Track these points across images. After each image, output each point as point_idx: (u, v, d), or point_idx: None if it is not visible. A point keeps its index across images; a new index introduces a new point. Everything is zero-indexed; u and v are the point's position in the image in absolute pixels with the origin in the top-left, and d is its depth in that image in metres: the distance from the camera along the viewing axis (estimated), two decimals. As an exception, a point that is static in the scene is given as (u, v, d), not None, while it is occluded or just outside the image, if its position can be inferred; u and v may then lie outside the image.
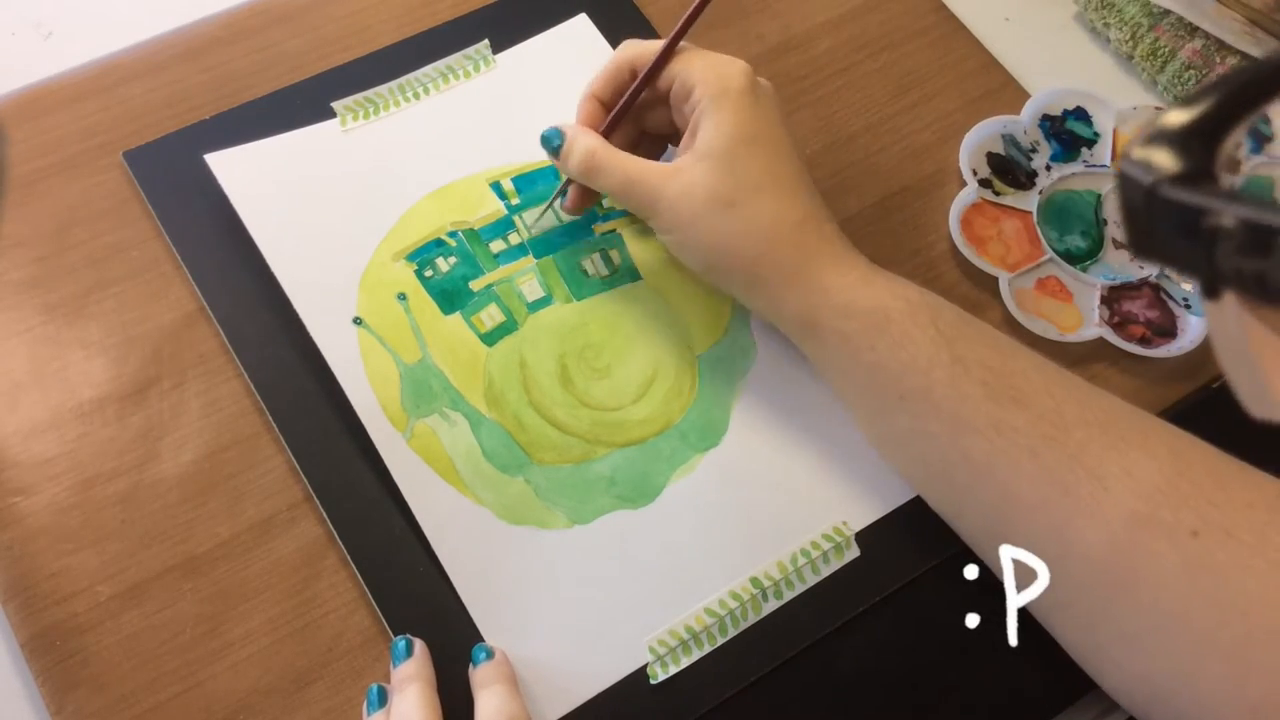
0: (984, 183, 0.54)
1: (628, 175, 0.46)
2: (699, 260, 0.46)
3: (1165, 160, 0.15)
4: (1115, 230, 0.54)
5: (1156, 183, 0.15)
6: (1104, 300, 0.52)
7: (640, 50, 0.48)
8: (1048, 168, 0.55)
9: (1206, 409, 0.40)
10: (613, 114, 0.48)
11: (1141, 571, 0.37)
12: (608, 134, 0.48)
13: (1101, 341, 0.50)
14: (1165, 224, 0.15)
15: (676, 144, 0.49)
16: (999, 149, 0.55)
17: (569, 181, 0.49)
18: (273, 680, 0.42)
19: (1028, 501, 0.40)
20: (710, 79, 0.45)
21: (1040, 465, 0.39)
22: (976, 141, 0.55)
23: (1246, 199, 0.14)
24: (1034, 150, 0.55)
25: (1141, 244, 0.15)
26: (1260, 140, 0.56)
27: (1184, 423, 0.41)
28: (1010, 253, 0.53)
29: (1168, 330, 0.51)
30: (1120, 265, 0.53)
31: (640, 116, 0.50)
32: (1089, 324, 0.51)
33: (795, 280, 0.44)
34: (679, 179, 0.45)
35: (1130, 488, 0.38)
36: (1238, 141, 0.16)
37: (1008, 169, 0.55)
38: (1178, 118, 0.16)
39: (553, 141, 0.48)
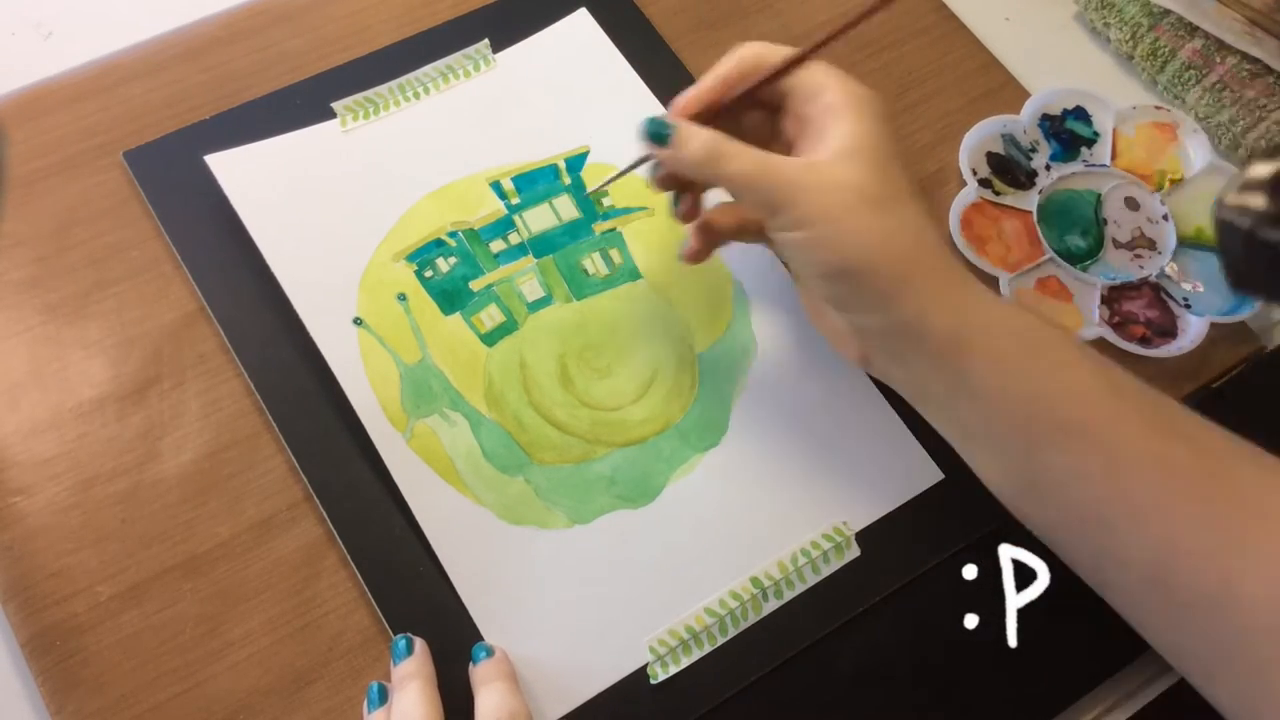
0: (984, 182, 0.54)
1: (759, 163, 0.41)
2: (837, 261, 0.41)
3: (1260, 205, 0.15)
4: (1115, 230, 0.54)
5: (1255, 225, 0.15)
6: (1104, 300, 0.52)
7: (769, 51, 0.43)
8: (1047, 167, 0.55)
9: (1207, 409, 0.39)
10: (727, 97, 0.43)
11: None
12: (710, 121, 0.43)
13: (1102, 341, 0.50)
14: (1263, 261, 0.15)
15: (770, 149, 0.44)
16: (999, 149, 0.55)
17: (648, 158, 0.45)
18: (273, 680, 0.42)
19: (1196, 551, 0.37)
20: (846, 85, 0.42)
21: (1206, 506, 0.37)
22: (976, 141, 0.55)
23: None
24: (1034, 150, 0.55)
25: (1243, 281, 0.16)
26: (1073, 143, 0.55)
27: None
28: (1010, 252, 0.53)
29: (1168, 330, 0.51)
30: (1120, 265, 0.53)
31: (736, 117, 0.45)
32: (1089, 324, 0.51)
33: (948, 291, 0.40)
34: (822, 172, 0.40)
35: None
36: None
37: (1007, 169, 0.55)
38: (1266, 168, 0.16)
39: (661, 131, 0.42)
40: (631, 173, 0.46)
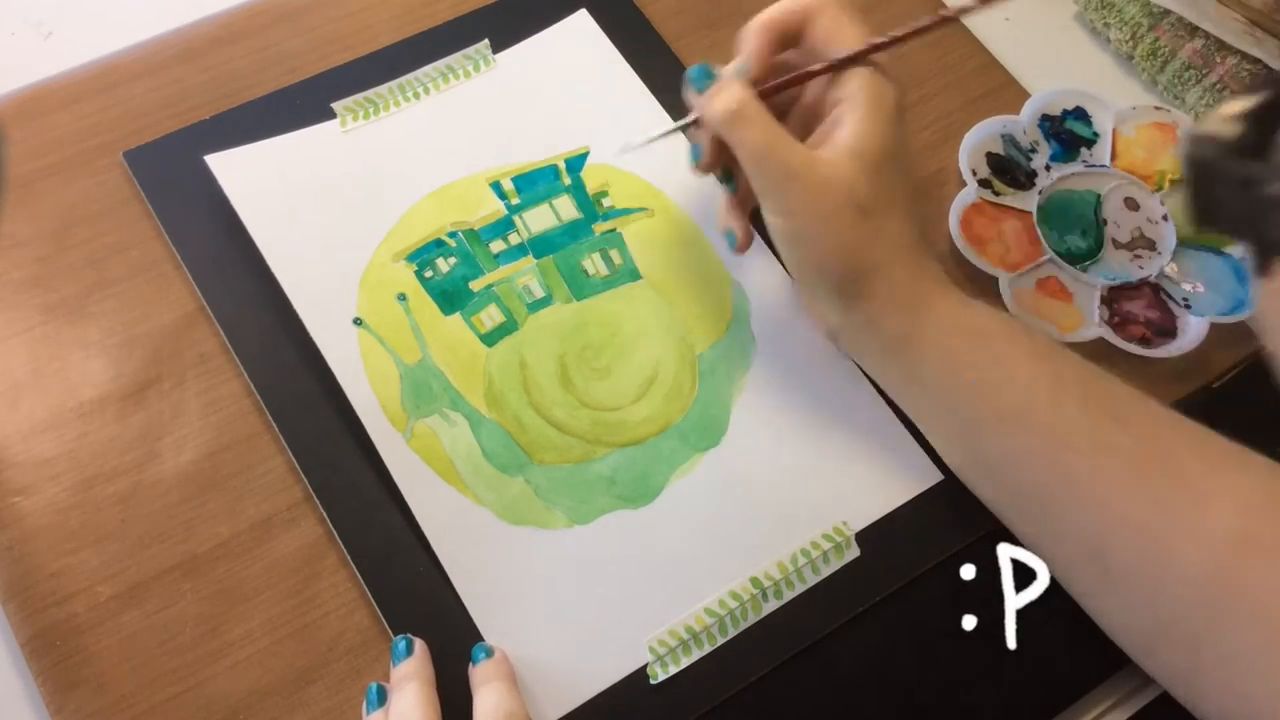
0: (983, 183, 0.54)
1: (770, 138, 0.42)
2: (810, 257, 0.44)
3: (1228, 135, 0.16)
4: (1115, 230, 0.54)
5: (1220, 155, 0.16)
6: (1104, 300, 0.52)
7: (826, 6, 0.45)
8: (1047, 168, 0.55)
9: (1207, 409, 0.40)
10: (786, 79, 0.45)
11: (1244, 590, 0.37)
12: (768, 95, 0.45)
13: (1101, 341, 0.50)
14: (1226, 192, 0.16)
15: (789, 116, 0.47)
16: (998, 149, 0.55)
17: (693, 120, 0.46)
18: (273, 680, 0.42)
19: (1131, 522, 0.39)
20: (874, 83, 0.44)
21: (1143, 485, 0.39)
22: (976, 141, 0.55)
23: None
24: (1033, 150, 0.55)
25: (1203, 212, 0.16)
26: (1073, 144, 0.55)
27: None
28: (1010, 253, 0.53)
29: (1168, 330, 0.51)
30: (1120, 266, 0.53)
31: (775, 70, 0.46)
32: (1089, 324, 0.51)
33: (904, 299, 0.43)
34: (822, 169, 0.42)
35: (1231, 507, 0.37)
36: None
37: (1007, 169, 0.55)
38: (1240, 103, 0.17)
39: (700, 80, 0.44)
40: (636, 176, 0.47)
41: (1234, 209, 0.16)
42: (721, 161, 0.46)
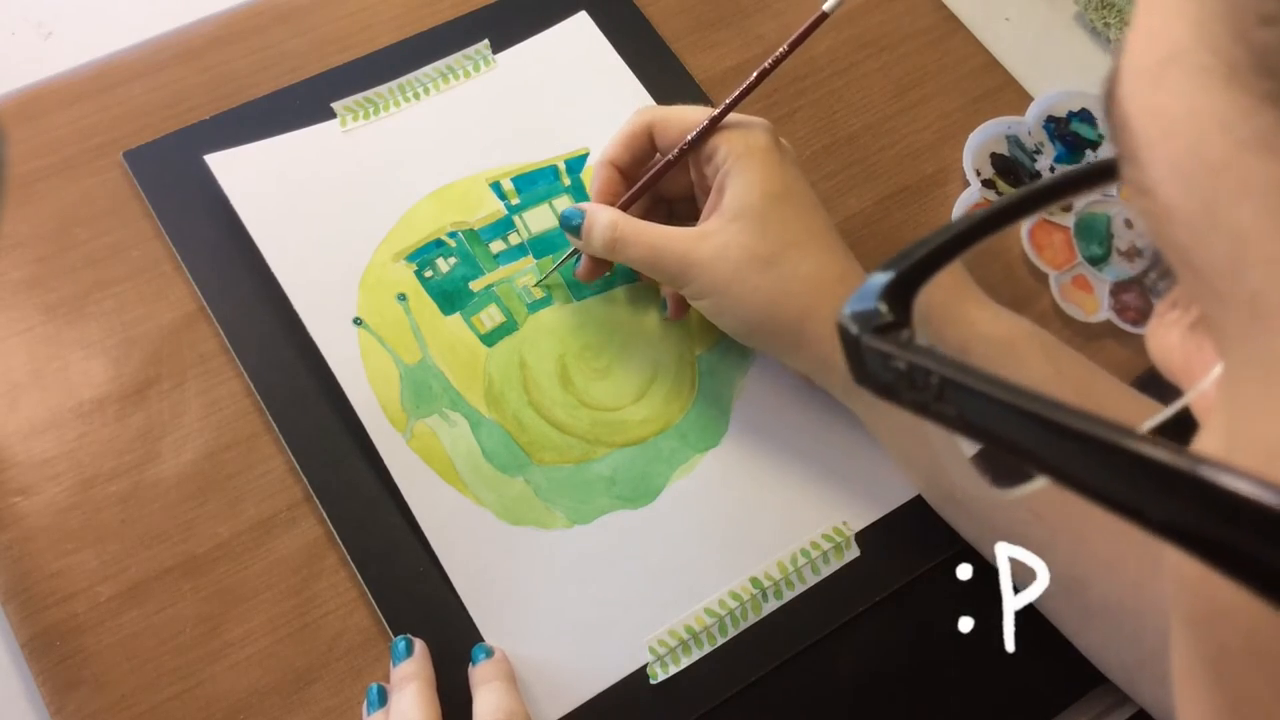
0: (987, 183, 0.54)
1: (654, 246, 0.44)
2: (740, 323, 0.45)
3: (869, 313, 0.19)
4: (1119, 242, 0.55)
5: (860, 333, 0.19)
6: (1111, 292, 0.54)
7: (657, 116, 0.46)
8: (1051, 169, 0.55)
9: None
10: (637, 186, 0.47)
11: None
12: (626, 206, 0.47)
13: (1108, 323, 0.53)
14: (874, 365, 0.19)
15: (689, 209, 0.49)
16: (1003, 150, 0.55)
17: (575, 251, 0.48)
18: (273, 680, 0.42)
19: (1107, 558, 0.39)
20: (734, 138, 0.44)
21: (1116, 521, 0.38)
22: (980, 142, 0.55)
23: (913, 346, 0.18)
24: (1038, 151, 0.55)
25: (859, 378, 0.19)
26: (1077, 146, 0.56)
27: (1167, 389, 0.41)
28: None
29: (1150, 313, 0.53)
30: (1122, 267, 0.54)
31: (664, 181, 0.48)
32: (1101, 309, 0.54)
33: None
34: (711, 241, 0.43)
35: None
36: (932, 292, 0.20)
37: (1011, 170, 0.55)
38: (880, 278, 0.20)
39: (572, 221, 0.46)
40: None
41: (880, 378, 0.18)
42: (602, 270, 0.49)
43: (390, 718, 0.40)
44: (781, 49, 0.45)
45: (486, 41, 0.56)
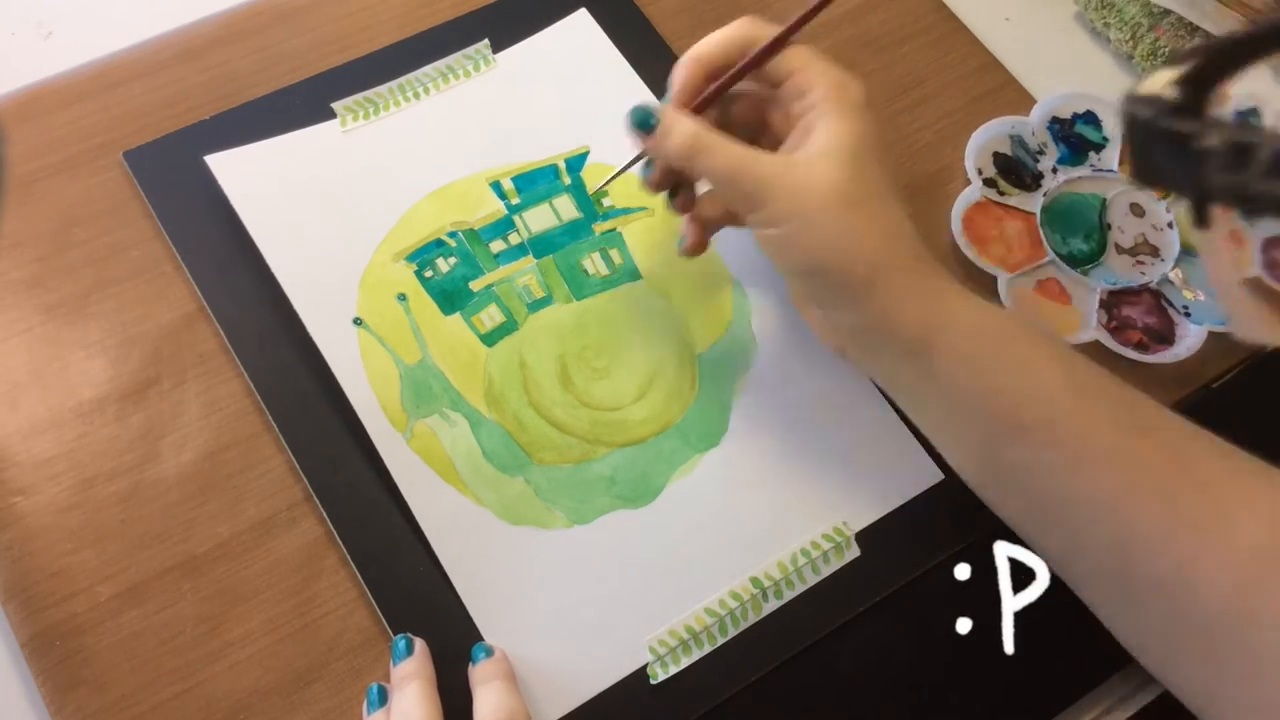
0: (988, 182, 0.54)
1: (739, 158, 0.42)
2: (809, 260, 0.42)
3: (1163, 96, 0.18)
4: (1118, 235, 0.54)
5: (1155, 114, 0.17)
6: (1103, 304, 0.52)
7: (760, 30, 0.44)
8: (1054, 170, 0.55)
9: (1204, 409, 0.40)
10: (716, 85, 0.44)
11: (1268, 605, 0.36)
12: (701, 110, 0.44)
13: (1097, 345, 0.50)
14: (1162, 149, 0.17)
15: (760, 142, 0.46)
16: (1006, 149, 0.55)
17: (642, 155, 0.46)
18: (273, 680, 0.42)
19: (1155, 537, 0.38)
20: (833, 83, 0.43)
21: (1166, 500, 0.38)
22: (982, 141, 0.55)
23: (1227, 124, 0.17)
24: (1041, 152, 0.55)
25: (1143, 168, 0.18)
26: (1081, 147, 0.55)
27: None
28: (1011, 253, 0.53)
29: (1165, 337, 0.51)
30: (1122, 270, 0.53)
31: (727, 105, 0.46)
32: (1086, 328, 0.51)
33: (918, 288, 0.41)
34: (799, 169, 0.41)
35: (1258, 521, 0.36)
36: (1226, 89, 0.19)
37: (1013, 169, 0.55)
38: (1171, 71, 0.19)
39: (647, 121, 0.43)
40: (636, 175, 0.46)
41: (1170, 164, 0.18)
42: (672, 180, 0.46)
43: (391, 717, 0.40)
44: None
45: (486, 41, 0.56)
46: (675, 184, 0.47)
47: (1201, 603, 0.37)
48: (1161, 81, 0.18)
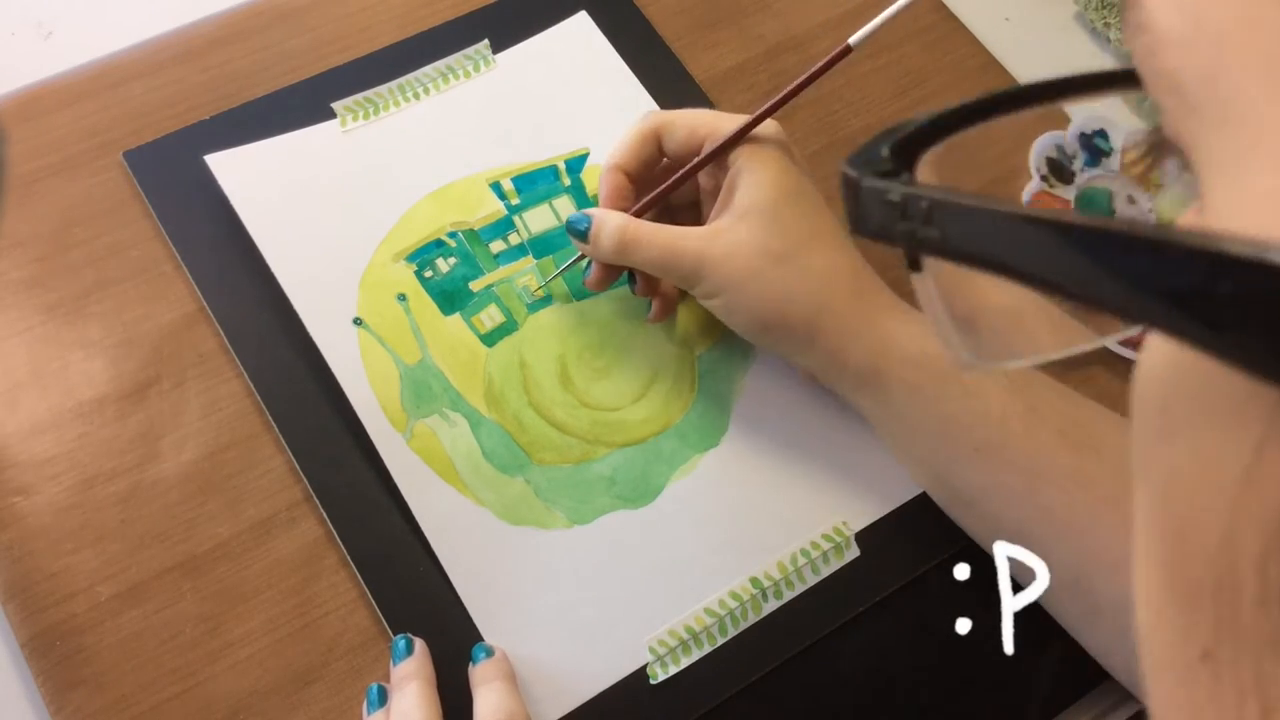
0: (1044, 178, 0.56)
1: (666, 246, 0.44)
2: (753, 321, 0.44)
3: (871, 163, 0.21)
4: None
5: (864, 174, 0.20)
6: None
7: (665, 120, 0.46)
8: (1082, 170, 0.57)
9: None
10: (653, 194, 0.46)
11: None
12: (640, 215, 0.46)
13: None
14: (870, 207, 0.20)
15: (692, 216, 0.48)
16: (1053, 154, 0.58)
17: (581, 257, 0.48)
18: (273, 680, 0.42)
19: (1111, 555, 0.38)
20: (753, 147, 0.44)
21: (1121, 517, 0.38)
22: (1040, 148, 0.58)
23: (920, 186, 0.19)
24: (1073, 157, 0.57)
25: (856, 225, 0.21)
26: (1097, 155, 0.58)
27: None
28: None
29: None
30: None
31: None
32: None
33: (859, 330, 0.43)
34: (723, 239, 0.43)
35: None
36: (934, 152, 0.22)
37: (1058, 169, 0.57)
38: (885, 139, 0.21)
39: (579, 226, 0.46)
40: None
41: (876, 219, 0.20)
42: (613, 276, 0.48)
43: (391, 717, 0.40)
44: (803, 76, 0.45)
45: (486, 41, 0.56)
46: (629, 272, 0.48)
47: None
48: (875, 141, 0.21)
